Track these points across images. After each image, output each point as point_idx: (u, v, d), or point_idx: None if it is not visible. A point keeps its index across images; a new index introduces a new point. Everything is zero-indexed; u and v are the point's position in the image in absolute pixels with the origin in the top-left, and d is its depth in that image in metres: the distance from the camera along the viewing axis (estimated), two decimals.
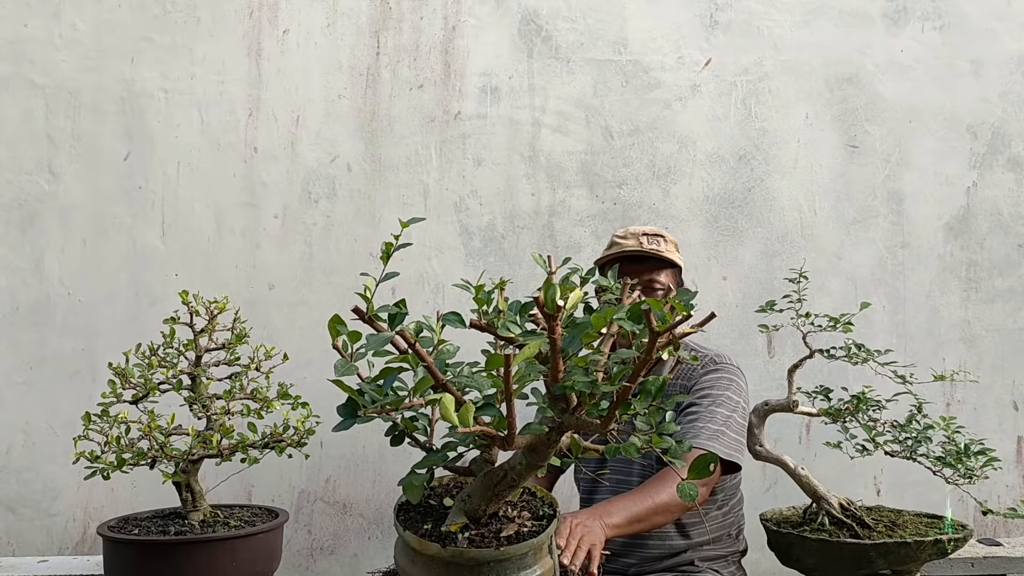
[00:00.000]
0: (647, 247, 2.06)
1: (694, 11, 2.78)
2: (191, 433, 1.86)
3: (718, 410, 1.91)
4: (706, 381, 1.98)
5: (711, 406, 1.92)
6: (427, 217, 2.68)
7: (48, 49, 2.65)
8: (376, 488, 2.61)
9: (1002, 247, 2.77)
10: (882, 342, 2.54)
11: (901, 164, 2.77)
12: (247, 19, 2.70)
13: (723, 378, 1.99)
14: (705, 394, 1.94)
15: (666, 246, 2.10)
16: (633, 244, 2.08)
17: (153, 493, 2.42)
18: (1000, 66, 2.80)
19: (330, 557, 2.62)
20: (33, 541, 2.54)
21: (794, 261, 2.62)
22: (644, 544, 1.99)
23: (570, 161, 2.73)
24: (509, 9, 2.75)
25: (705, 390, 1.96)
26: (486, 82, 2.73)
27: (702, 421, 1.89)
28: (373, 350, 1.15)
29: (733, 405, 1.94)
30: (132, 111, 2.66)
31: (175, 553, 1.75)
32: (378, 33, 2.73)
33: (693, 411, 1.92)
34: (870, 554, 1.82)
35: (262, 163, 2.68)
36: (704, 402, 1.93)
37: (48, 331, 2.59)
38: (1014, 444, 2.73)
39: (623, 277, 1.44)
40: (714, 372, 2.00)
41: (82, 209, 2.62)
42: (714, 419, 1.89)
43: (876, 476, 2.68)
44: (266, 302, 2.64)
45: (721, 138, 2.75)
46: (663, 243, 2.10)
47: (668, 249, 2.09)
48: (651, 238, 2.08)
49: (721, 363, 2.03)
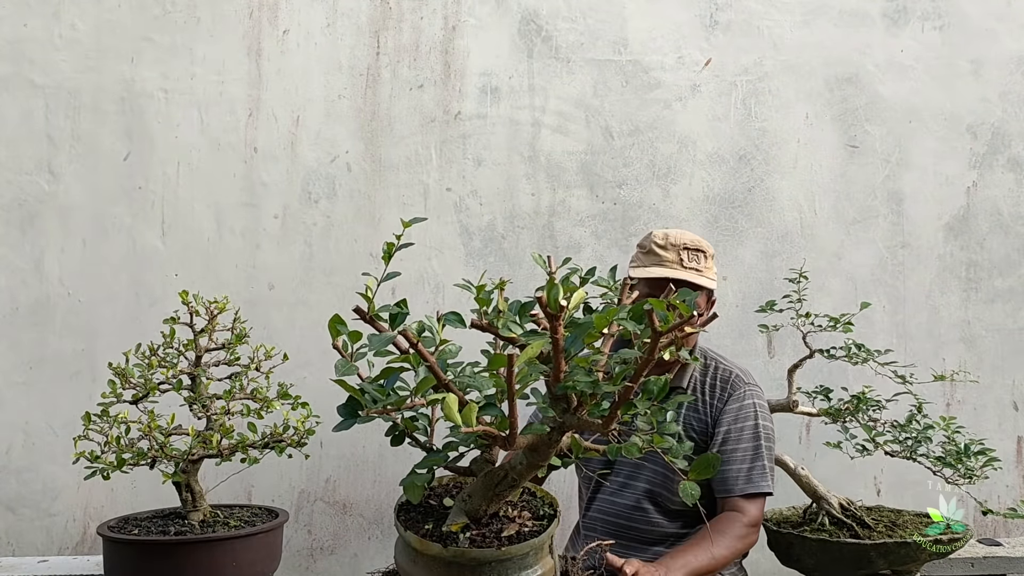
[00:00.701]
0: (688, 264, 1.91)
1: (694, 11, 2.78)
2: (191, 433, 1.85)
3: (755, 444, 1.92)
4: (734, 411, 1.94)
5: (753, 441, 1.92)
6: (427, 217, 2.68)
7: (48, 49, 2.64)
8: (376, 488, 2.61)
9: (1002, 247, 2.77)
10: (882, 342, 2.54)
11: (901, 164, 2.77)
12: (247, 19, 2.70)
13: (749, 404, 1.95)
14: (740, 427, 1.92)
15: (706, 264, 1.94)
16: (673, 259, 1.91)
17: (153, 493, 2.42)
18: (1000, 66, 2.80)
19: (330, 557, 2.62)
20: (33, 541, 2.54)
21: (794, 261, 2.62)
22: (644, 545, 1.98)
23: (570, 161, 2.73)
24: (509, 9, 2.75)
25: (739, 423, 1.93)
26: (486, 82, 2.73)
27: (748, 463, 1.90)
28: (375, 350, 1.15)
29: (766, 433, 1.94)
30: (132, 111, 2.65)
31: (175, 553, 1.75)
32: (378, 33, 2.73)
33: (737, 450, 1.91)
34: (870, 554, 1.82)
35: (262, 163, 2.68)
36: (742, 437, 1.92)
37: (48, 331, 2.59)
38: (1014, 444, 2.73)
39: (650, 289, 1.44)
40: (740, 399, 1.95)
41: (82, 209, 2.62)
42: (759, 455, 1.91)
43: (876, 476, 2.68)
44: (266, 302, 2.63)
45: (721, 138, 2.76)
46: (703, 260, 1.94)
47: (707, 267, 1.94)
48: (692, 254, 1.92)
49: (745, 385, 1.98)
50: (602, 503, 2.02)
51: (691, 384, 1.98)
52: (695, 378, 1.99)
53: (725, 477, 1.89)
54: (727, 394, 1.95)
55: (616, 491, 2.00)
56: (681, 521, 1.95)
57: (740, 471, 1.88)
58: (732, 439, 1.91)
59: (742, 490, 1.87)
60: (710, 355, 2.03)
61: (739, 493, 1.87)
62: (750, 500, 1.87)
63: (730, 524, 1.83)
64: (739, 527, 1.82)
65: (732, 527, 1.82)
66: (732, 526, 1.82)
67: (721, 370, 1.99)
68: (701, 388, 1.98)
